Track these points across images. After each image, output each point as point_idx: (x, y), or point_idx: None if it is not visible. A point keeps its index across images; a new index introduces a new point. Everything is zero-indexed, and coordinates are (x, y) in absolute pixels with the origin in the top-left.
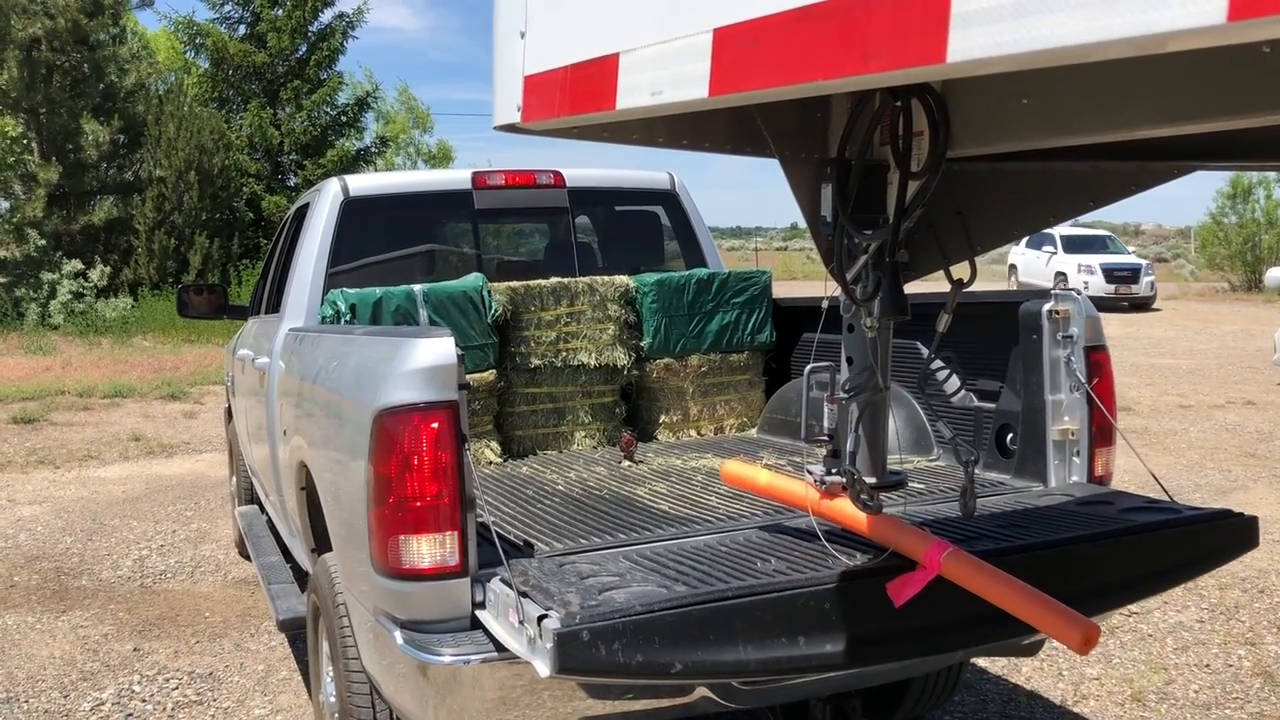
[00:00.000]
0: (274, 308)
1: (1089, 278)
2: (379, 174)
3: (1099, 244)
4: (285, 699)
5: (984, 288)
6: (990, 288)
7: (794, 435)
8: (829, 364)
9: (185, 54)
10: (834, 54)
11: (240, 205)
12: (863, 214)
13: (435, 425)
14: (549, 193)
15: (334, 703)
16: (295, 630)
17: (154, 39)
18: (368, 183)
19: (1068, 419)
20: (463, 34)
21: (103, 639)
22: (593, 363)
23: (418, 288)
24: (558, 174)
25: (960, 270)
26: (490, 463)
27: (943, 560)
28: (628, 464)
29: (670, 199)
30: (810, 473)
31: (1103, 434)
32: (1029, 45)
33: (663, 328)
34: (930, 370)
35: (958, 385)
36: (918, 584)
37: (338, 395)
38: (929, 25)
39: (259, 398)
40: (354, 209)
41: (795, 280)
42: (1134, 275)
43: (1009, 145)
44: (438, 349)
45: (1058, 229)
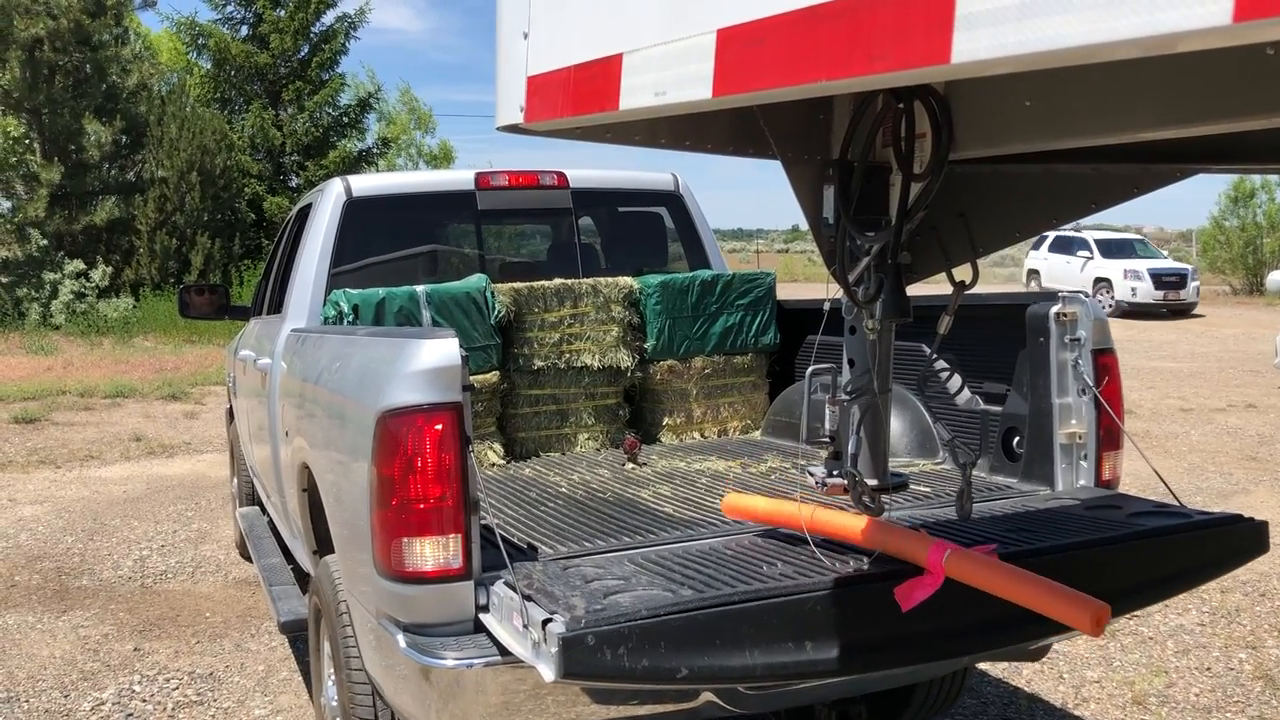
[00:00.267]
0: (276, 308)
1: (1136, 284)
2: (382, 174)
3: (1130, 248)
4: (286, 699)
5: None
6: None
7: (798, 438)
8: (830, 366)
9: (187, 55)
10: (838, 55)
11: (242, 206)
12: (865, 216)
13: (439, 427)
14: (553, 194)
15: (335, 705)
16: (297, 632)
17: (156, 40)
18: (371, 183)
19: (1075, 422)
20: (465, 35)
21: (103, 639)
22: (596, 364)
23: (421, 289)
24: (561, 175)
25: (963, 272)
26: (493, 465)
27: (944, 561)
28: (631, 466)
29: (674, 200)
30: (812, 474)
31: (1110, 438)
32: (1034, 46)
33: (666, 329)
34: (934, 372)
35: (962, 387)
36: (927, 589)
37: (340, 396)
38: (934, 26)
39: (261, 398)
40: (357, 209)
41: (796, 282)
42: (1182, 281)
43: (1011, 147)
44: (442, 350)
45: (1090, 233)
